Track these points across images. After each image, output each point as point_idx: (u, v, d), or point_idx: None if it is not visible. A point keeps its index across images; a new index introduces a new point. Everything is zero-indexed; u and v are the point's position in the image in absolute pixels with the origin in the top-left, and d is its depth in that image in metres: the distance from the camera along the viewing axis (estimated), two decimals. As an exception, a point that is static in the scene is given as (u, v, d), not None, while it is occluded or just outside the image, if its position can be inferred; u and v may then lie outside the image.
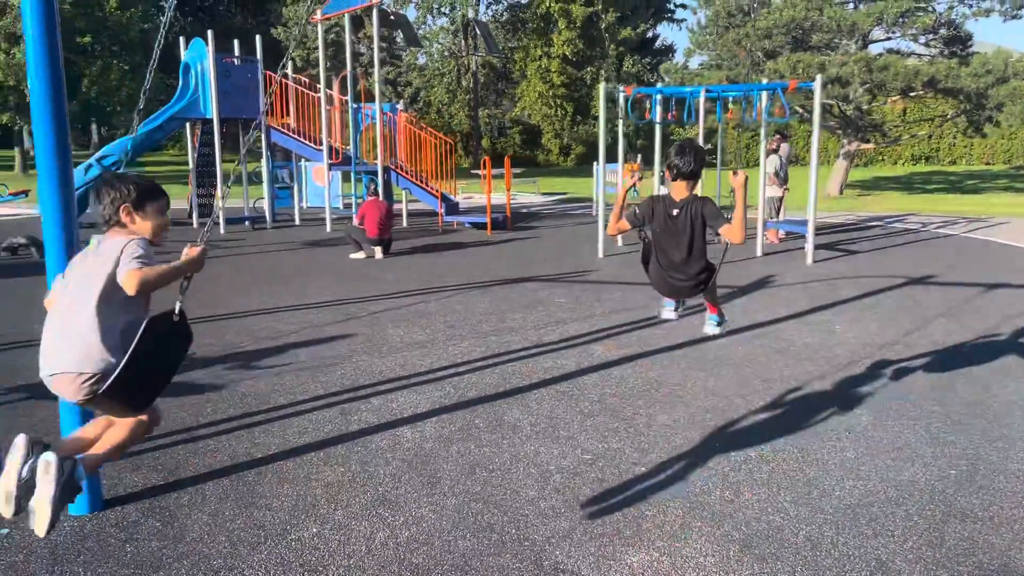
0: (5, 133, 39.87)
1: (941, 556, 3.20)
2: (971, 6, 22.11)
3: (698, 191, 4.16)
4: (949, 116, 26.60)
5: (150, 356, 2.50)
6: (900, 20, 21.06)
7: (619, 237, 3.12)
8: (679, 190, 3.96)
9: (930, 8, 21.48)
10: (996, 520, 3.49)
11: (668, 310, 4.51)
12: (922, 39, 22.72)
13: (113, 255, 2.51)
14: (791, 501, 3.69)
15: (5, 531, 3.42)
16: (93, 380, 2.46)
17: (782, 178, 12.64)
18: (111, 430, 2.73)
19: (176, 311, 2.62)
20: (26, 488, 2.43)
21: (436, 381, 5.56)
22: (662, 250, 4.05)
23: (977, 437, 4.46)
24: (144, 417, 2.75)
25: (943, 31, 21.98)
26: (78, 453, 2.65)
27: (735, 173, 3.85)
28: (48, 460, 2.45)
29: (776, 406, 5.01)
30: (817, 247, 11.22)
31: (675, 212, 3.94)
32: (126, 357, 2.42)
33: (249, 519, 3.55)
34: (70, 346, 2.48)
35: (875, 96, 22.06)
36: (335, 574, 3.11)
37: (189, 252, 2.67)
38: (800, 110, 20.27)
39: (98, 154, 14.81)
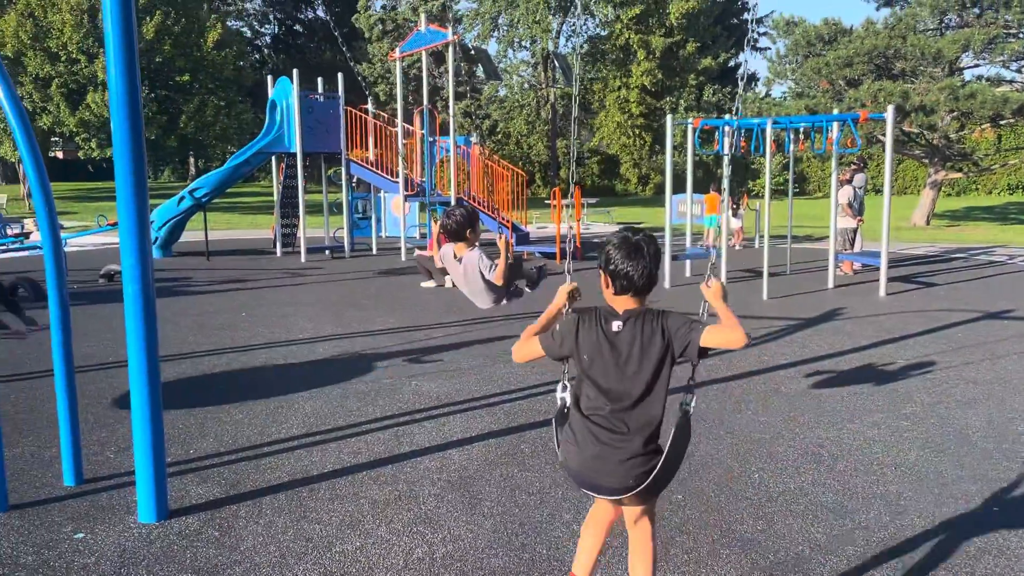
0: (109, 167, 42.34)
1: (969, 592, 3.20)
2: (1065, 31, 21.35)
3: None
4: (1044, 144, 25.55)
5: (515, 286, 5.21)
6: (988, 47, 20.46)
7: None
8: (624, 304, 2.67)
9: (1021, 34, 20.81)
10: (1032, 558, 3.45)
11: None
12: (1013, 66, 22.01)
13: (475, 265, 4.92)
14: (823, 532, 3.72)
15: (80, 535, 3.75)
16: (497, 304, 5.19)
17: (856, 209, 12.45)
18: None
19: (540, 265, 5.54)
20: None
21: (489, 406, 5.74)
22: (594, 388, 2.65)
23: (1029, 475, 4.37)
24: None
25: (1035, 57, 21.26)
26: None
27: (707, 284, 2.76)
28: None
29: (823, 440, 5.00)
30: (893, 279, 11.00)
31: (616, 327, 2.63)
32: (511, 292, 5.17)
33: (299, 531, 3.79)
34: (483, 303, 5.15)
35: (964, 124, 21.43)
36: (372, 585, 3.31)
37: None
38: (883, 138, 19.84)
39: (190, 186, 15.70)
